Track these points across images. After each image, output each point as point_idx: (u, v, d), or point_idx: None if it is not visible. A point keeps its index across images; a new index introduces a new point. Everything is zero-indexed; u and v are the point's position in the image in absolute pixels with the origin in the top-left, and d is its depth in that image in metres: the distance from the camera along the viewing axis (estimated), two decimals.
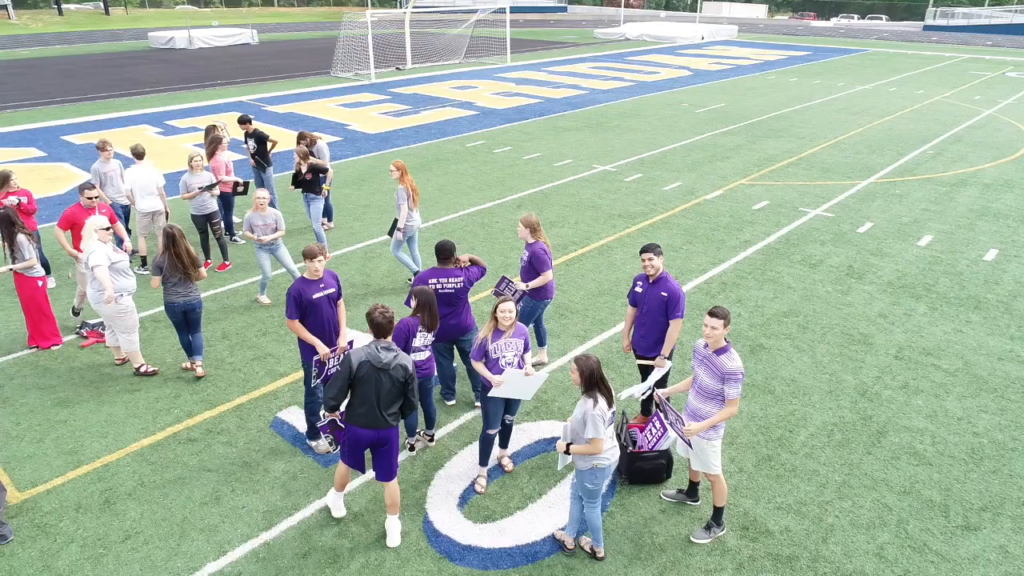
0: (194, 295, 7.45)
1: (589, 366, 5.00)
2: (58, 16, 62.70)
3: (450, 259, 6.87)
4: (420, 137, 19.01)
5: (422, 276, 6.87)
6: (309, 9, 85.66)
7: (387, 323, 5.29)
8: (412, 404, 5.35)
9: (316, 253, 6.30)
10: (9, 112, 22.41)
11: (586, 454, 5.05)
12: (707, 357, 5.32)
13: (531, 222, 7.55)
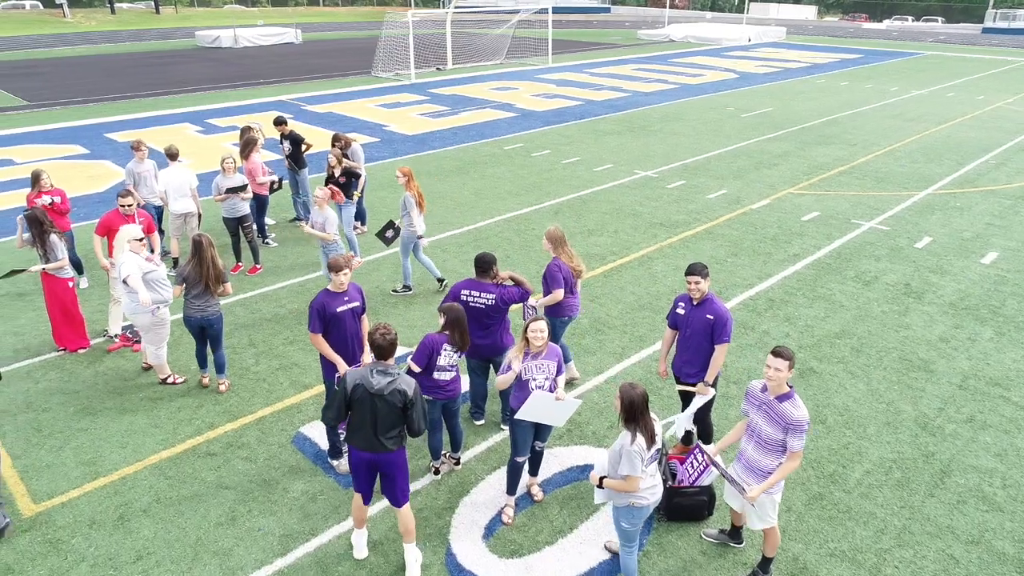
0: (212, 310, 7.15)
1: (631, 396, 4.60)
2: (111, 15, 64.22)
3: (488, 273, 6.55)
4: (457, 139, 18.74)
5: (455, 287, 6.56)
6: (352, 9, 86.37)
7: (388, 345, 4.92)
8: (413, 430, 4.98)
9: (342, 266, 6.02)
10: (58, 109, 22.80)
11: (620, 491, 4.66)
12: (767, 403, 4.79)
13: (555, 236, 7.18)
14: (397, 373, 4.91)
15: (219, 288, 7.09)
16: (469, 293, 6.46)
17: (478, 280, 6.52)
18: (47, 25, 57.03)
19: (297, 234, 12.02)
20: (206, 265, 6.94)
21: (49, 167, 15.77)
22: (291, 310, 9.30)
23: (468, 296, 6.44)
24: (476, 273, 6.54)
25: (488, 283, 6.51)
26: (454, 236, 11.87)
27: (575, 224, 12.40)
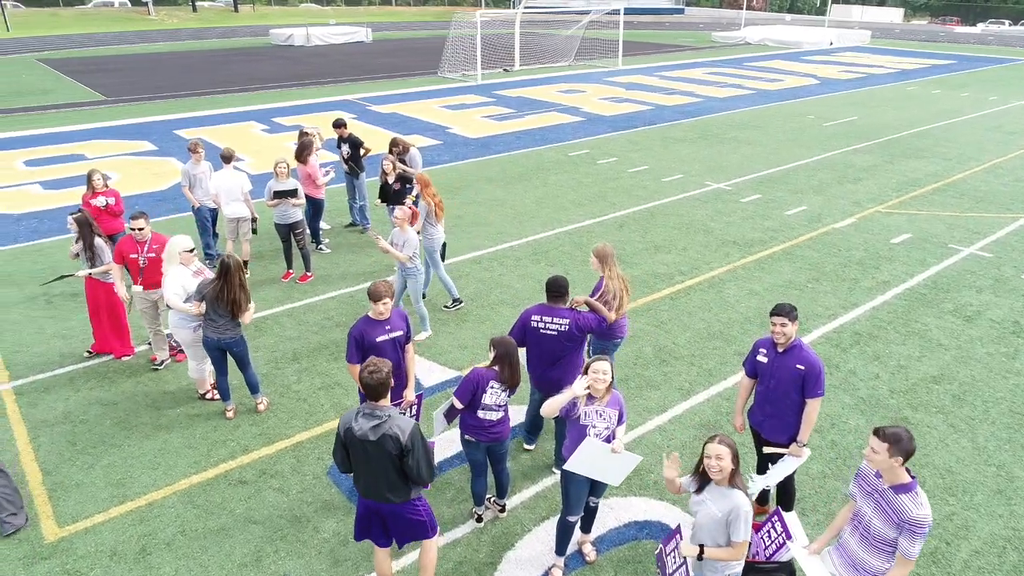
0: (230, 334, 6.67)
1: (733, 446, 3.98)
2: (192, 13, 66.45)
3: (561, 298, 5.97)
4: (521, 143, 18.18)
5: (525, 314, 6.01)
6: (422, 8, 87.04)
7: (377, 385, 4.33)
8: (413, 480, 4.40)
9: (382, 294, 5.51)
10: (134, 104, 23.32)
11: (727, 560, 4.02)
12: (880, 492, 3.94)
13: (604, 253, 6.62)
14: (387, 415, 4.33)
15: (239, 313, 6.59)
16: (540, 319, 5.91)
17: (550, 305, 5.96)
18: (133, 22, 59.32)
19: (352, 240, 11.68)
20: (232, 290, 6.49)
21: (116, 163, 16.00)
22: (339, 323, 8.90)
23: (539, 322, 5.90)
24: (548, 298, 6.01)
25: (562, 308, 5.96)
26: (512, 248, 11.30)
27: (640, 240, 11.67)
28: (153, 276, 7.40)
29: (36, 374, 7.75)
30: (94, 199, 9.17)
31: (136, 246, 7.44)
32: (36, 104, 23.21)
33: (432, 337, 8.55)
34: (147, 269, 7.44)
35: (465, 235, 11.83)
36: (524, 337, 5.95)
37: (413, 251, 8.05)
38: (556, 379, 5.94)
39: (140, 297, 7.63)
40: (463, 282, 10.05)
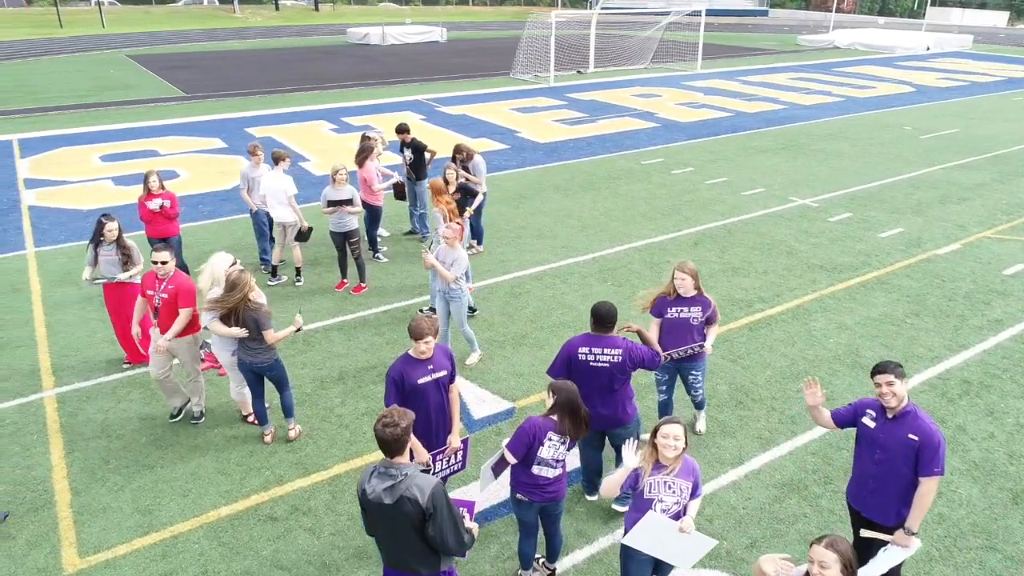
0: (263, 357, 6.21)
1: (845, 554, 3.29)
2: (275, 11, 68.25)
3: (609, 328, 5.34)
4: (592, 150, 17.44)
5: (569, 347, 5.36)
6: (499, 8, 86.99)
7: (392, 440, 3.70)
8: (437, 550, 3.78)
9: (425, 332, 4.92)
10: (210, 101, 23.70)
11: None
12: None
13: (695, 269, 6.23)
14: (404, 474, 3.70)
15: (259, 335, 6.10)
16: (589, 351, 5.29)
17: (597, 334, 5.34)
18: (219, 20, 61.30)
19: (410, 249, 11.23)
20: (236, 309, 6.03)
21: (185, 160, 16.09)
22: (389, 340, 8.42)
23: (587, 354, 5.29)
24: (593, 327, 5.38)
25: (612, 336, 5.34)
26: (577, 264, 10.62)
27: (717, 259, 10.79)
28: (169, 318, 6.52)
29: (81, 381, 7.56)
30: (150, 201, 8.98)
31: (156, 282, 6.53)
32: (119, 99, 23.87)
33: (484, 361, 7.97)
34: (163, 309, 6.50)
35: (528, 248, 11.21)
36: (569, 372, 5.35)
37: (461, 272, 7.48)
38: (608, 416, 5.40)
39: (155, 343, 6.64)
40: (522, 300, 9.44)
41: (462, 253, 7.49)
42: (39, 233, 11.74)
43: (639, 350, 5.36)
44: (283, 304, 9.30)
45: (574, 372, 5.34)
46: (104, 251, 7.57)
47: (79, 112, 21.63)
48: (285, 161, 9.68)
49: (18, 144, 17.54)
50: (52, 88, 26.11)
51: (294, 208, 9.52)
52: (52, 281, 9.96)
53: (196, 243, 11.29)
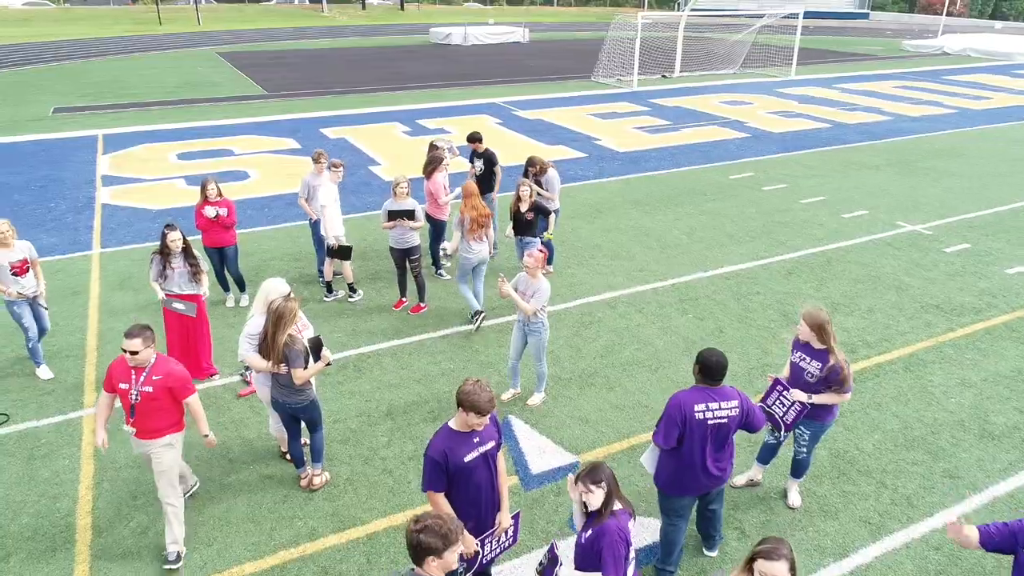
0: (298, 397, 5.57)
1: None
2: (361, 10, 69.36)
3: (720, 380, 4.65)
4: (676, 161, 16.36)
5: (679, 404, 4.59)
6: (584, 9, 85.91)
7: (419, 549, 3.11)
8: None
9: (487, 408, 4.08)
10: (290, 100, 23.78)
11: None
12: None
13: (819, 320, 5.20)
14: None
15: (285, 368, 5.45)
16: (706, 408, 4.59)
17: (710, 388, 4.64)
18: (307, 19, 62.70)
19: None
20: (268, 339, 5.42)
21: (257, 160, 15.95)
22: (445, 371, 7.73)
23: (705, 412, 4.59)
24: (702, 379, 4.66)
25: (725, 387, 4.67)
26: (655, 291, 9.67)
27: (814, 293, 9.65)
28: (149, 420, 5.04)
29: None
30: (205, 209, 8.60)
31: (128, 373, 5.01)
32: (203, 96, 24.26)
33: (547, 403, 7.17)
34: (141, 406, 4.99)
35: (601, 270, 10.34)
36: (682, 434, 4.63)
37: (541, 304, 6.69)
38: (718, 475, 4.81)
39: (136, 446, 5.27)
40: (592, 330, 8.59)
41: (544, 283, 6.69)
42: (107, 233, 11.67)
43: (754, 408, 4.76)
44: (336, 321, 8.77)
45: (688, 434, 4.61)
46: (174, 263, 7.23)
47: (164, 108, 22.04)
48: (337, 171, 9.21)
49: (103, 139, 17.87)
50: (143, 84, 26.86)
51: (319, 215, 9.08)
52: (111, 285, 9.76)
53: (258, 251, 10.95)
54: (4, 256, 7.11)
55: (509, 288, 6.64)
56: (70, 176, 14.78)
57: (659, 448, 4.71)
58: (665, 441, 4.62)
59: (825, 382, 5.23)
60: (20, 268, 7.21)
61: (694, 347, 8.17)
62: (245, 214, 12.54)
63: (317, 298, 9.42)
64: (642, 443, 6.53)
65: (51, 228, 11.82)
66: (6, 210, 12.65)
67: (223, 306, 9.17)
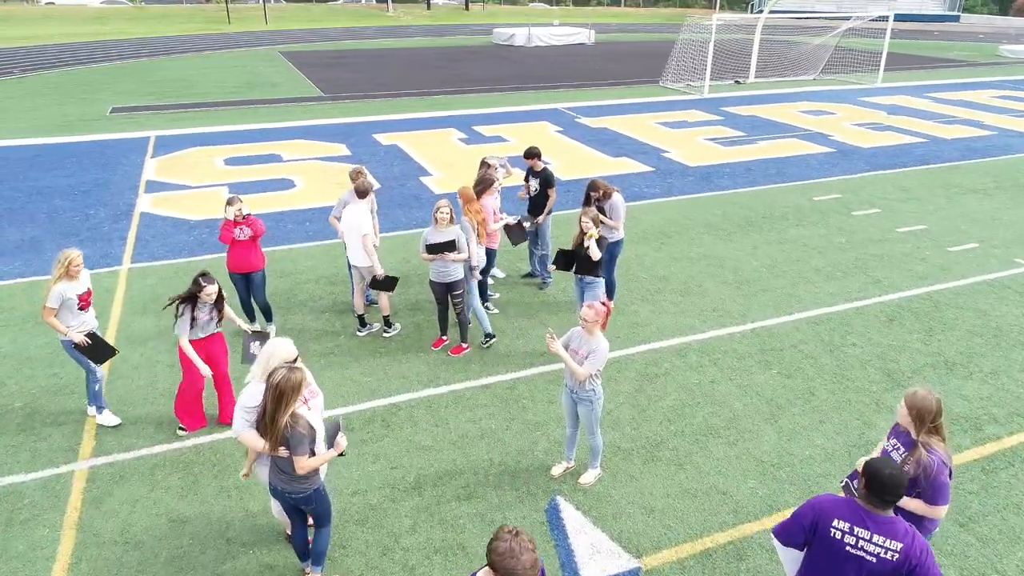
0: (298, 487, 4.53)
1: None
2: (426, 10, 69.19)
3: (891, 504, 3.49)
4: (751, 178, 14.91)
5: (820, 511, 3.58)
6: (652, 10, 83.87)
7: None
8: None
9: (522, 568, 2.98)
10: (345, 103, 23.19)
11: None
12: None
13: (926, 407, 4.07)
14: None
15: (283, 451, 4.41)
16: (850, 530, 3.51)
17: (870, 509, 3.51)
18: (372, 18, 62.79)
19: (527, 297, 9.46)
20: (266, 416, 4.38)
21: (305, 168, 15.24)
22: (485, 431, 6.67)
23: (846, 535, 3.51)
24: (866, 494, 3.51)
25: (894, 520, 3.49)
26: (732, 337, 8.39)
27: (920, 347, 8.20)
28: None
29: (122, 451, 6.37)
30: (229, 229, 7.77)
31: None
32: (260, 97, 23.90)
33: (603, 480, 6.02)
34: None
35: (669, 308, 9.10)
36: (804, 543, 3.65)
37: (597, 368, 5.55)
38: None
39: None
40: (658, 385, 7.38)
41: (602, 343, 5.51)
42: (140, 245, 11.05)
43: (927, 558, 3.41)
44: (367, 361, 7.81)
45: (815, 548, 3.59)
46: (200, 312, 6.33)
47: (220, 110, 21.71)
48: (369, 197, 8.15)
49: (154, 141, 17.52)
50: (204, 84, 26.77)
51: (368, 251, 7.92)
52: (134, 308, 9.06)
53: (292, 270, 10.13)
54: (71, 288, 6.32)
55: (558, 346, 5.50)
56: (117, 180, 14.35)
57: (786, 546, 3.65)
58: (783, 538, 3.65)
59: (915, 489, 4.02)
60: (86, 301, 6.46)
61: (780, 413, 6.90)
62: (284, 228, 11.79)
63: (349, 331, 8.50)
64: (718, 547, 5.32)
65: (85, 238, 11.28)
66: (44, 216, 12.23)
67: None
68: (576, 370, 5.49)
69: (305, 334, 8.38)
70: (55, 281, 6.24)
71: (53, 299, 6.21)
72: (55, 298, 6.21)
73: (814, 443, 6.50)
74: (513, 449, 6.42)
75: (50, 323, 6.28)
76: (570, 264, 7.64)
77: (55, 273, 6.26)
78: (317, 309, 9.05)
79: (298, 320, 8.74)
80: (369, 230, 7.87)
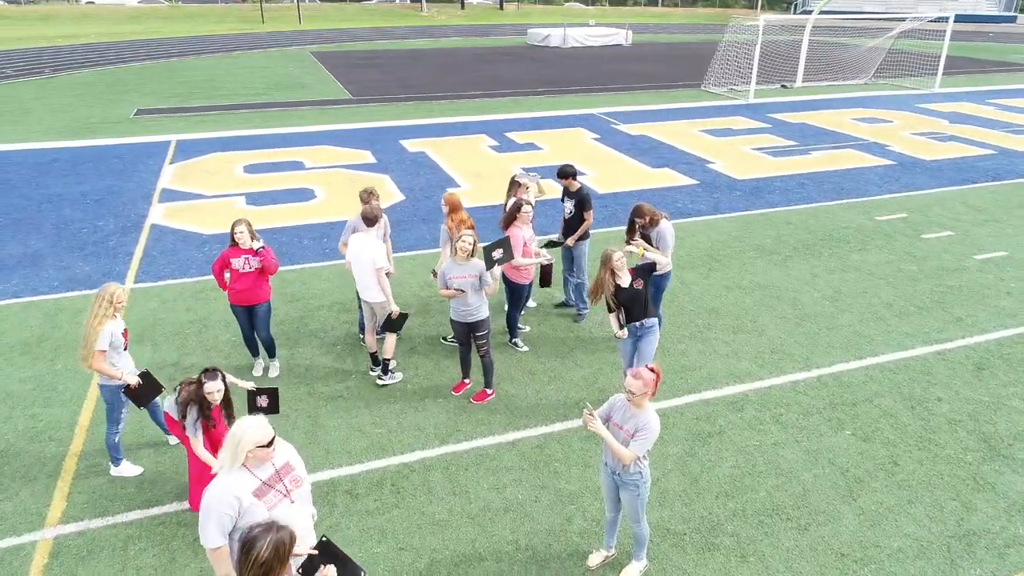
0: None
1: None
2: (460, 10, 68.48)
3: None
4: (806, 193, 13.73)
5: None
6: (691, 10, 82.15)
7: None
8: None
9: None
10: (374, 106, 22.43)
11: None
12: None
13: None
14: None
15: None
16: None
17: None
18: (406, 18, 62.26)
19: (560, 331, 8.49)
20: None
21: (328, 176, 14.46)
22: (511, 502, 5.71)
23: None
24: None
25: None
26: (795, 386, 7.32)
27: (1020, 403, 7.03)
28: None
29: (92, 517, 5.55)
30: (235, 258, 6.94)
31: None
32: (287, 100, 23.27)
33: (648, 575, 5.04)
34: None
35: (721, 348, 8.05)
36: None
37: (646, 449, 4.56)
38: None
39: None
40: (713, 447, 6.35)
41: (652, 419, 4.52)
42: (146, 263, 10.32)
43: None
44: (378, 408, 6.89)
45: None
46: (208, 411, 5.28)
47: (246, 112, 21.09)
48: (379, 224, 7.17)
49: (175, 146, 16.91)
50: (233, 85, 26.26)
51: (382, 286, 7.01)
52: (131, 335, 8.26)
53: (304, 294, 9.29)
54: (116, 325, 5.60)
55: (598, 425, 4.49)
56: (131, 188, 13.71)
57: None
58: None
59: None
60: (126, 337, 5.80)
61: (859, 489, 5.83)
62: (299, 245, 10.98)
63: (361, 369, 7.62)
64: None
65: (89, 253, 10.59)
66: (51, 227, 11.60)
67: (249, 373, 7.49)
68: (620, 453, 4.50)
69: (312, 373, 7.52)
70: (100, 321, 5.50)
71: (103, 341, 5.49)
72: (105, 339, 5.49)
73: (903, 531, 5.43)
74: (543, 528, 5.46)
75: (100, 369, 5.56)
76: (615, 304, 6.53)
77: (98, 311, 5.51)
78: (328, 341, 8.19)
79: (306, 355, 7.88)
80: (384, 262, 6.95)
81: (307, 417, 6.79)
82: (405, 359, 7.79)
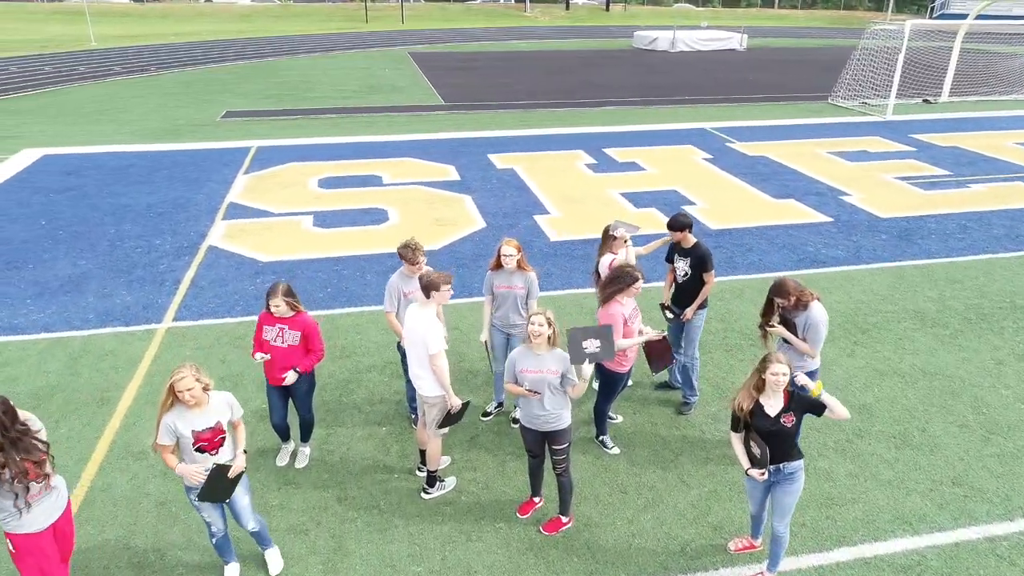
0: None
1: None
2: (565, 11, 66.76)
3: None
4: (970, 241, 11.23)
5: None
6: (811, 12, 77.22)
7: None
8: None
9: None
10: (465, 113, 21.11)
11: None
12: None
13: None
14: None
15: None
16: None
17: None
18: (510, 19, 61.18)
19: (661, 427, 6.67)
20: None
21: (405, 195, 13.15)
22: None
23: None
24: None
25: None
26: (991, 543, 5.21)
27: None
28: None
29: None
30: (269, 326, 5.54)
31: None
32: (378, 104, 22.31)
33: None
34: None
35: (882, 469, 6.00)
36: None
37: None
38: None
39: None
40: None
41: None
42: (192, 294, 9.20)
43: None
44: (425, 528, 5.31)
45: None
46: None
47: (333, 117, 20.23)
48: (440, 292, 5.35)
49: (253, 153, 16.09)
50: (325, 87, 25.66)
51: (437, 375, 5.32)
52: (154, 386, 7.07)
53: (357, 347, 7.87)
54: (185, 420, 4.36)
55: None
56: (199, 201, 12.83)
57: None
58: None
59: None
60: (211, 440, 4.42)
61: None
62: (362, 280, 9.62)
63: (407, 466, 6.07)
64: None
65: (135, 280, 9.60)
66: (106, 244, 10.75)
67: (271, 462, 6.10)
68: None
69: (347, 466, 6.05)
70: (161, 408, 4.34)
71: (163, 435, 4.34)
72: (164, 434, 4.34)
73: None
74: None
75: (163, 458, 4.45)
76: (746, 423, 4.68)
77: (163, 395, 4.33)
78: (373, 419, 6.71)
79: (343, 439, 6.42)
80: (439, 345, 5.28)
81: (331, 537, 5.30)
82: (462, 453, 6.21)
